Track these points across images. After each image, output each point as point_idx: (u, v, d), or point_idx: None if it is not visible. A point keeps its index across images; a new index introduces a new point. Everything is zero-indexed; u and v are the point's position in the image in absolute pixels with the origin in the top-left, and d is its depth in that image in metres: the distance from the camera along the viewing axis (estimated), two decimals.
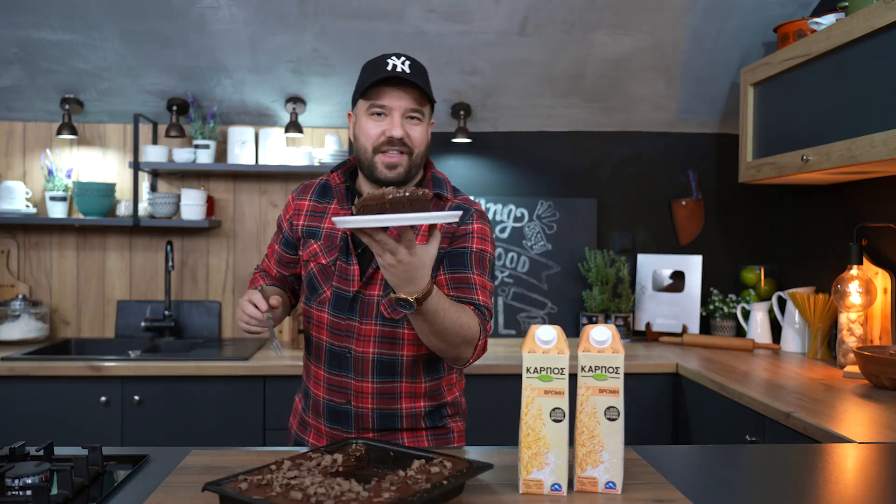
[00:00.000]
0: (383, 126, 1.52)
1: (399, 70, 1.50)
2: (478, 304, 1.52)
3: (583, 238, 3.38)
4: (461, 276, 1.54)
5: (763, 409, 2.12)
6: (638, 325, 3.35)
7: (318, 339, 1.64)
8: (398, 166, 1.54)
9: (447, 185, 1.65)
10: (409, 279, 1.26)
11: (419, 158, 1.57)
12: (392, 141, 1.52)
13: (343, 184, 1.64)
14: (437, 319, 1.36)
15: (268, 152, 3.16)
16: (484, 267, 1.58)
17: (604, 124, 3.39)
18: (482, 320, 1.50)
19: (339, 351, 1.60)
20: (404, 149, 1.54)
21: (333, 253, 1.61)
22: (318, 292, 1.63)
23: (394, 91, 1.51)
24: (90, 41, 2.88)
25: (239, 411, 2.69)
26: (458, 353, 1.47)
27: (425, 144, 1.58)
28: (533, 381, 1.27)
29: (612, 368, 1.28)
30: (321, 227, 1.64)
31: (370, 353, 1.58)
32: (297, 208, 1.69)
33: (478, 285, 1.54)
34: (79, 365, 2.62)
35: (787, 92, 2.64)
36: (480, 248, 1.58)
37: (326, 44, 2.94)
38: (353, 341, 1.59)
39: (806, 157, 2.45)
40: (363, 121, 1.55)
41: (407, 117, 1.53)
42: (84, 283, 3.24)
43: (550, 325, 1.30)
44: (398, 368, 1.59)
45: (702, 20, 2.92)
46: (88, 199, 3.05)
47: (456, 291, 1.53)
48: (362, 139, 1.55)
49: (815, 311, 2.79)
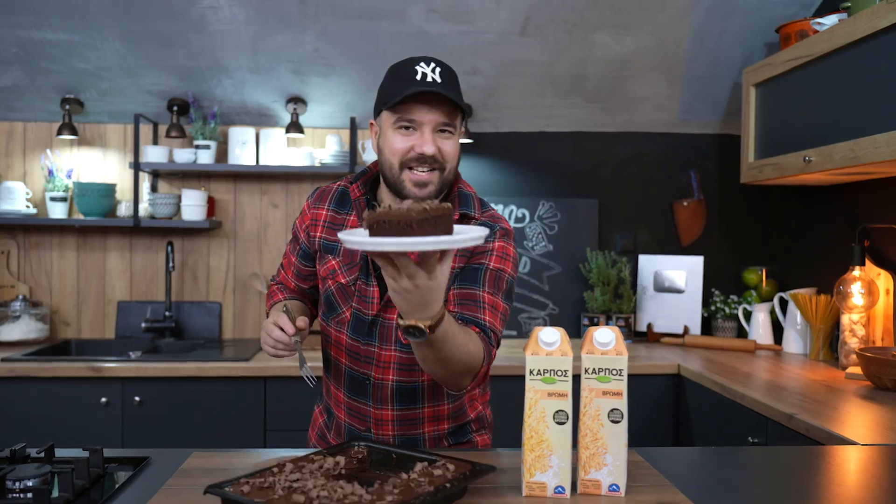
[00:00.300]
0: (412, 141, 1.40)
1: (430, 80, 1.37)
2: (482, 324, 1.39)
3: (584, 239, 3.37)
4: (469, 292, 1.42)
5: (765, 411, 2.11)
6: (639, 326, 3.35)
7: (337, 360, 1.55)
8: (429, 184, 1.41)
9: (474, 200, 1.53)
10: (424, 304, 1.13)
11: (451, 174, 1.45)
12: (423, 158, 1.40)
13: (363, 196, 1.52)
14: (445, 347, 1.23)
15: (268, 153, 3.15)
16: (498, 286, 1.44)
17: (605, 124, 3.38)
18: (487, 345, 1.37)
19: (358, 377, 1.52)
20: (436, 165, 1.41)
21: (354, 272, 1.50)
22: (336, 312, 1.53)
23: (424, 105, 1.38)
24: (90, 41, 2.87)
25: (240, 412, 2.68)
26: (457, 381, 1.35)
27: (456, 158, 1.46)
28: (536, 383, 1.26)
29: (615, 371, 1.28)
30: (339, 243, 1.50)
31: (389, 381, 1.50)
32: (314, 218, 1.56)
33: (486, 304, 1.41)
34: (79, 366, 2.62)
35: (790, 92, 2.63)
36: (498, 267, 1.45)
37: (327, 44, 2.93)
38: (372, 367, 1.50)
39: (808, 158, 2.45)
40: (389, 134, 1.42)
41: (438, 131, 1.40)
42: (84, 283, 3.24)
43: (553, 327, 1.29)
44: (419, 394, 1.51)
45: (704, 20, 2.92)
46: (89, 199, 3.05)
47: (461, 308, 1.40)
48: (388, 154, 1.42)
49: (817, 312, 2.79)
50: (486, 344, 1.37)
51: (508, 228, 1.53)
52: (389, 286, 1.12)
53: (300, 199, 3.31)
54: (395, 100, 1.37)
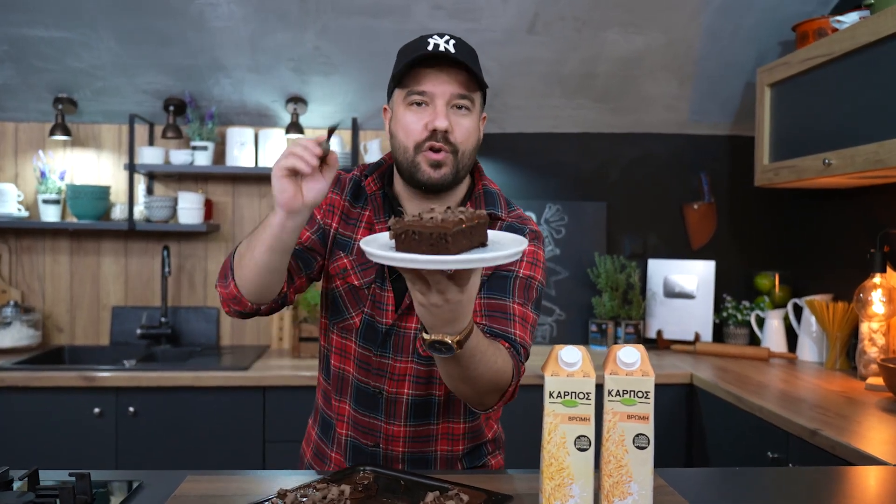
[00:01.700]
0: (425, 118, 1.28)
1: (442, 49, 1.25)
2: (512, 338, 1.27)
3: (592, 243, 3.29)
4: (499, 302, 1.30)
5: (786, 425, 2.03)
6: (649, 333, 3.26)
7: (341, 369, 1.43)
8: (443, 165, 1.29)
9: (500, 199, 1.41)
10: (454, 319, 1.03)
11: (467, 159, 1.32)
12: (435, 135, 1.27)
13: (379, 190, 1.40)
14: (472, 364, 1.13)
15: (268, 154, 3.06)
16: (528, 296, 1.34)
17: (614, 125, 3.29)
18: (516, 362, 1.25)
19: (368, 390, 1.40)
20: (448, 146, 1.29)
21: (369, 274, 1.37)
22: (343, 316, 1.40)
23: (436, 74, 1.27)
24: (84, 39, 2.79)
25: (238, 423, 2.59)
26: (483, 400, 1.23)
27: (474, 142, 1.33)
28: (556, 406, 1.17)
29: (641, 393, 1.19)
30: (353, 239, 1.39)
31: (404, 395, 1.38)
32: (330, 203, 1.41)
33: (516, 316, 1.30)
34: (71, 375, 2.53)
35: (807, 93, 2.55)
36: (528, 275, 1.34)
37: (328, 42, 2.85)
38: (385, 381, 1.38)
39: (828, 161, 2.36)
40: (401, 113, 1.30)
41: (453, 106, 1.28)
42: (78, 288, 3.15)
43: (574, 346, 1.20)
44: (434, 409, 1.40)
45: (717, 18, 2.83)
46: (82, 202, 2.96)
47: (489, 321, 1.29)
48: (401, 135, 1.31)
49: (834, 319, 2.70)
50: (515, 360, 1.26)
51: (538, 231, 1.42)
52: (416, 300, 1.02)
53: None
54: (404, 62, 1.26)
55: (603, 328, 3.17)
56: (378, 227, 1.38)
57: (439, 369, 1.20)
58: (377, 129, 3.22)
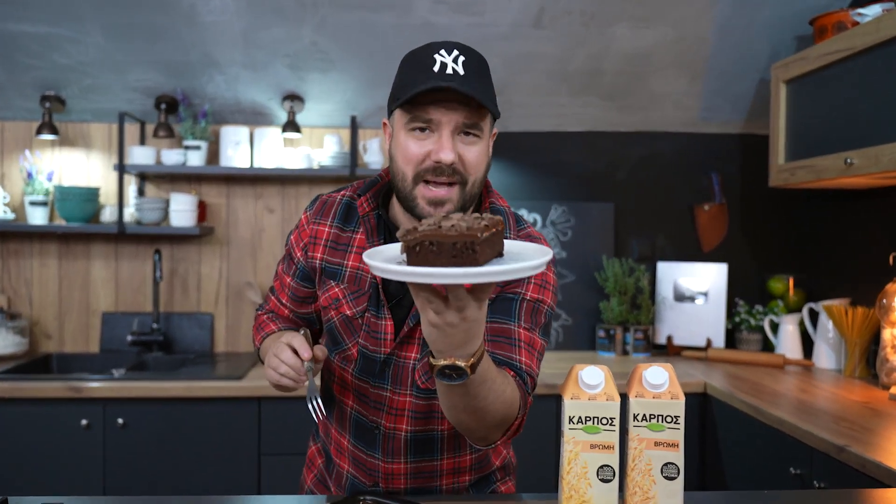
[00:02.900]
0: (428, 146, 1.16)
1: (450, 72, 1.12)
2: (518, 366, 1.16)
3: (599, 245, 3.18)
4: (502, 326, 1.19)
5: (810, 440, 1.92)
6: (658, 339, 3.15)
7: (341, 400, 1.33)
8: (446, 203, 1.17)
9: (509, 216, 1.31)
10: (468, 340, 0.93)
11: (475, 187, 1.20)
12: (440, 168, 1.15)
13: (373, 211, 1.28)
14: (482, 392, 1.03)
15: (263, 154, 2.95)
16: (536, 320, 1.23)
17: (621, 124, 3.18)
18: (523, 392, 1.15)
19: (366, 424, 1.30)
20: (455, 178, 1.17)
21: (361, 302, 1.27)
22: (341, 347, 1.31)
23: (442, 102, 1.14)
24: (72, 34, 2.67)
25: (232, 435, 2.48)
26: (487, 434, 1.12)
27: (484, 169, 1.21)
28: (577, 433, 1.07)
29: (670, 417, 1.08)
30: (344, 266, 1.29)
31: (402, 431, 1.28)
32: (313, 235, 1.32)
33: (522, 342, 1.19)
34: (57, 386, 2.41)
35: (826, 89, 2.44)
36: (536, 298, 1.23)
37: (326, 37, 2.74)
38: (382, 415, 1.28)
39: (850, 161, 2.25)
40: (402, 137, 1.18)
41: (460, 133, 1.17)
42: (67, 293, 3.03)
43: (596, 366, 1.09)
44: (437, 445, 1.30)
45: (730, 12, 2.72)
46: (70, 204, 2.84)
47: (492, 346, 1.17)
48: (401, 161, 1.19)
49: (854, 325, 2.59)
50: (522, 391, 1.15)
51: (548, 249, 1.32)
52: (429, 321, 0.91)
53: (297, 203, 3.11)
54: (406, 96, 1.14)
55: (611, 334, 3.07)
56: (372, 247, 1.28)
57: (442, 401, 1.09)
58: (377, 127, 3.11)
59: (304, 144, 3.09)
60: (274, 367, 1.15)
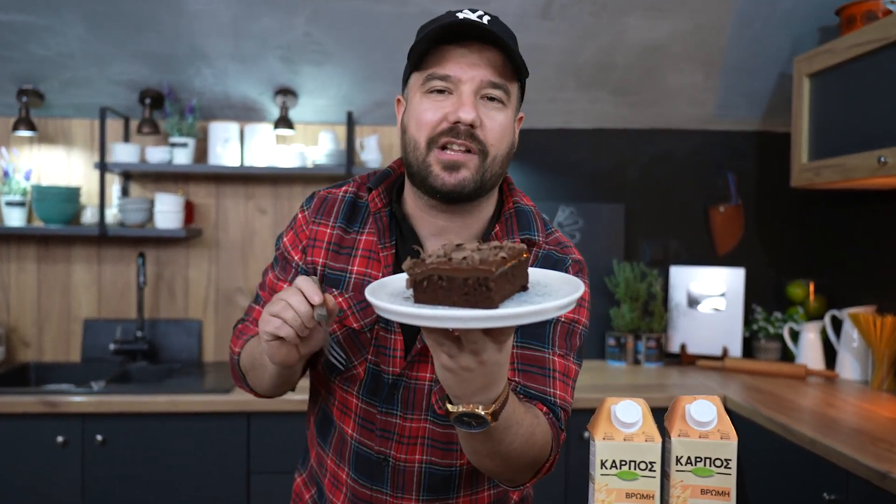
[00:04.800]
0: (446, 108, 1.01)
1: (473, 20, 1.00)
2: (551, 401, 1.04)
3: (609, 248, 3.02)
4: (535, 354, 1.06)
5: (846, 463, 1.76)
6: (671, 347, 2.99)
7: (341, 427, 1.16)
8: (462, 167, 1.02)
9: (537, 219, 1.15)
10: (487, 385, 0.81)
11: (497, 166, 1.05)
12: (457, 129, 1.00)
13: (385, 208, 1.13)
14: (506, 438, 0.90)
15: (254, 151, 2.80)
16: (571, 343, 1.09)
17: (633, 120, 3.02)
18: (556, 431, 1.01)
19: (371, 456, 1.13)
20: (475, 145, 1.01)
21: (369, 313, 1.09)
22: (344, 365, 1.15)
23: (464, 54, 1.01)
24: (50, 24, 2.51)
25: (219, 453, 2.32)
26: (514, 476, 0.99)
27: (508, 144, 1.06)
28: (610, 479, 0.91)
29: (720, 461, 0.92)
30: (348, 272, 1.13)
31: (416, 463, 1.11)
32: (312, 237, 1.15)
33: (557, 372, 1.05)
34: (30, 400, 2.25)
35: (856, 83, 2.28)
36: (572, 318, 1.09)
37: (320, 28, 2.58)
38: (391, 444, 1.11)
39: (884, 160, 2.09)
40: (416, 101, 1.05)
41: (483, 97, 1.02)
42: (46, 299, 2.87)
43: (631, 400, 0.93)
44: (454, 482, 1.13)
45: (751, 2, 2.56)
46: (49, 204, 2.68)
47: (524, 378, 1.04)
48: (413, 128, 1.04)
49: (882, 334, 2.44)
50: (554, 430, 1.01)
51: (581, 260, 1.16)
52: (441, 364, 0.79)
53: (290, 203, 2.94)
54: (422, 41, 1.01)
55: (622, 342, 2.91)
56: (382, 256, 1.11)
57: (462, 443, 0.94)
58: (374, 124, 2.94)
59: (298, 142, 2.93)
60: (276, 313, 0.93)
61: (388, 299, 0.78)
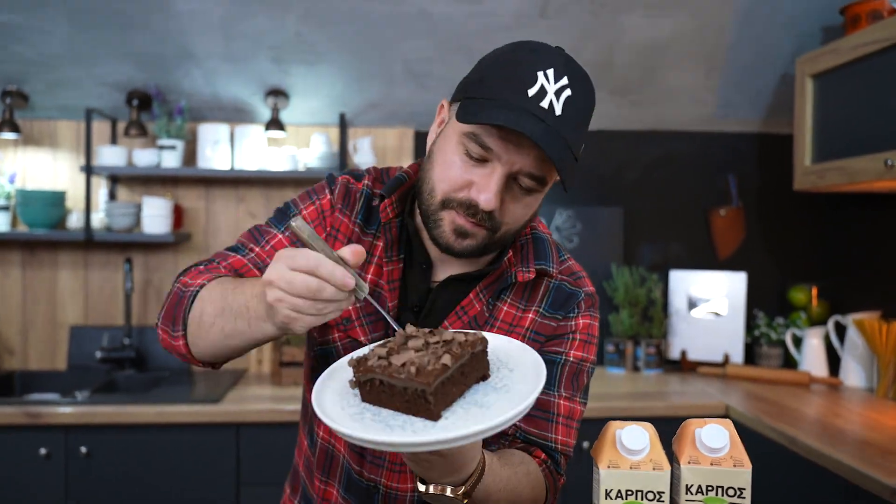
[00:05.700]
0: (474, 177, 0.93)
1: (545, 104, 0.88)
2: (552, 447, 1.01)
3: (608, 252, 2.95)
4: (540, 398, 1.02)
5: (857, 479, 1.70)
6: (671, 353, 2.93)
7: (332, 446, 1.10)
8: (471, 237, 0.96)
9: (552, 249, 1.09)
10: (455, 470, 0.78)
11: (507, 237, 1.00)
12: (473, 209, 0.94)
13: (396, 218, 1.05)
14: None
15: (245, 154, 2.73)
16: (578, 385, 1.05)
17: (632, 122, 2.96)
18: (552, 480, 0.98)
19: (361, 483, 1.08)
20: (487, 223, 0.95)
21: (379, 328, 1.04)
22: None
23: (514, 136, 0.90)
24: (35, 23, 2.44)
25: (208, 464, 2.25)
26: None
27: (525, 222, 1.00)
28: None
29: (733, 490, 0.86)
30: (361, 277, 1.04)
31: (407, 491, 1.05)
32: (336, 227, 1.07)
33: (560, 416, 1.02)
34: (11, 411, 2.18)
35: (861, 84, 2.23)
36: (581, 357, 1.06)
37: (313, 27, 2.51)
38: (382, 472, 1.06)
39: (891, 162, 2.03)
40: (451, 145, 0.95)
41: (519, 185, 0.95)
42: (31, 306, 2.79)
43: (637, 424, 0.87)
44: None
45: (753, 0, 2.50)
46: (34, 209, 2.61)
47: (525, 422, 1.01)
48: (437, 170, 0.96)
49: (887, 341, 2.38)
50: (551, 479, 0.97)
51: (594, 294, 1.11)
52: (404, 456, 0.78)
53: None
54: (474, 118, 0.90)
55: (621, 348, 2.85)
56: (387, 269, 1.04)
57: None
58: (368, 125, 2.88)
59: (290, 144, 2.86)
60: (300, 293, 0.75)
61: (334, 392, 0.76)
